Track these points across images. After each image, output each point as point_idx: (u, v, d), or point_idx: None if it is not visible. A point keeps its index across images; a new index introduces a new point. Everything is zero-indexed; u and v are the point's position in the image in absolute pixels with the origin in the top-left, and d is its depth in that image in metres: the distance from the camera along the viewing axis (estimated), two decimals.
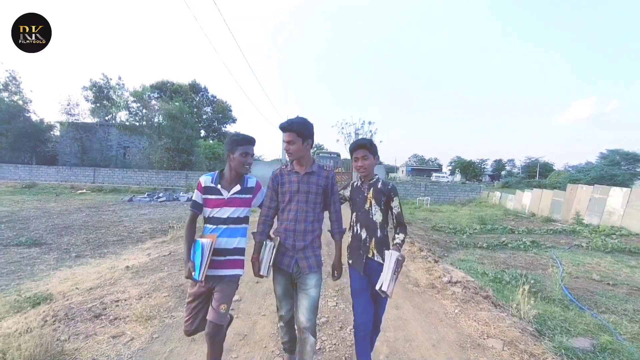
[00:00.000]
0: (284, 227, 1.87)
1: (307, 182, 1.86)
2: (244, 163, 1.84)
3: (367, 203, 1.95)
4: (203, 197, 1.84)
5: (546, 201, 13.54)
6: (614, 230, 9.51)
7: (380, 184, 1.98)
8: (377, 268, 1.86)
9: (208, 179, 1.86)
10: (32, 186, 18.18)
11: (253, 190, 1.93)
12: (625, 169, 33.30)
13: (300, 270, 1.83)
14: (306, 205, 1.85)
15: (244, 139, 1.86)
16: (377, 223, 1.93)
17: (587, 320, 3.41)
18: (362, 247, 1.94)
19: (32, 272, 4.44)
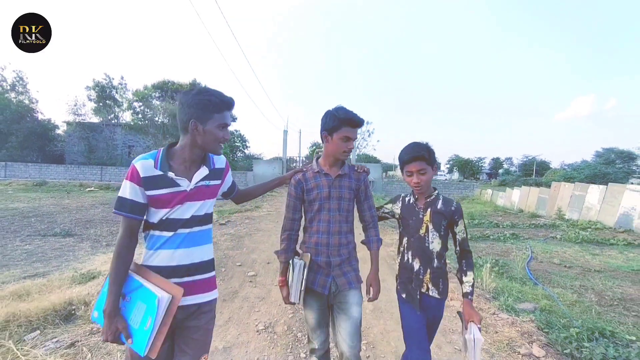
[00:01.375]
0: (314, 242, 1.56)
1: (339, 186, 1.57)
2: (221, 140, 1.22)
3: (422, 228, 1.56)
4: (148, 194, 1.15)
5: (533, 198, 14.37)
6: (590, 224, 10.32)
7: (441, 204, 1.57)
8: (433, 304, 1.56)
9: (147, 163, 1.16)
10: (43, 184, 18.91)
11: (222, 173, 1.36)
12: (621, 167, 34.09)
13: (338, 288, 1.53)
14: (339, 213, 1.56)
15: (224, 101, 1.20)
16: (434, 252, 1.55)
17: (538, 292, 4.19)
18: (414, 280, 1.56)
19: (75, 256, 5.21)
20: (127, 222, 1.15)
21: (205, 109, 1.15)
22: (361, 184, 1.63)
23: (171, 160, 1.20)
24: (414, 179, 1.54)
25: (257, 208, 11.26)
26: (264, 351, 2.44)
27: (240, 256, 5.06)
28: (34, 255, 5.07)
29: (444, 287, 1.57)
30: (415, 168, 1.53)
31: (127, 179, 1.14)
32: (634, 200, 9.36)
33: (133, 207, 1.14)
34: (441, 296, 1.55)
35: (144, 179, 1.13)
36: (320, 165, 1.61)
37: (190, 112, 1.16)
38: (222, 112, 1.19)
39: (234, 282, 3.86)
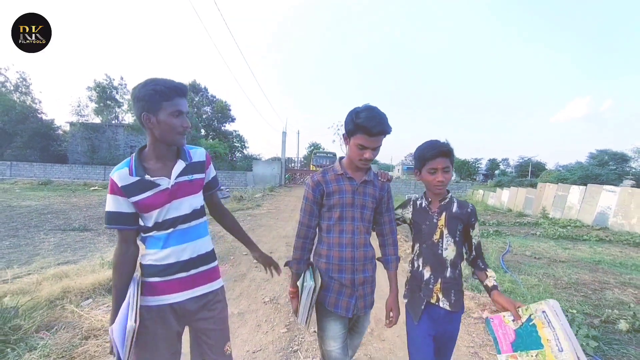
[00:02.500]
0: (337, 256, 1.39)
1: (364, 193, 1.42)
2: (179, 128, 1.15)
3: (436, 233, 1.43)
4: (133, 201, 1.14)
5: (520, 198, 15.08)
6: (570, 222, 11.01)
7: (456, 207, 1.44)
8: (442, 315, 1.40)
9: (123, 172, 1.15)
10: (48, 183, 19.43)
11: (204, 166, 1.30)
12: (614, 169, 34.79)
13: (357, 311, 1.41)
14: (362, 224, 1.42)
15: (172, 87, 1.13)
16: (448, 260, 1.41)
17: (505, 278, 4.83)
18: (423, 288, 1.43)
19: (96, 247, 5.81)
20: (120, 233, 1.17)
21: (153, 99, 1.08)
22: (385, 194, 1.47)
23: (145, 162, 1.17)
24: (438, 177, 1.37)
25: (257, 207, 11.87)
26: (270, 316, 3.07)
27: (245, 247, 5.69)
28: (61, 247, 5.67)
29: (457, 298, 1.39)
30: (441, 165, 1.37)
31: (109, 192, 1.14)
32: (609, 200, 10.05)
33: (120, 218, 1.14)
34: (453, 309, 1.38)
35: (123, 188, 1.12)
36: (344, 167, 1.42)
37: (140, 106, 1.10)
38: (171, 100, 1.11)
39: (242, 267, 4.49)
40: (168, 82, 1.13)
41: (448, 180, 1.41)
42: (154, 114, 1.11)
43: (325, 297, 1.40)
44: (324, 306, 1.41)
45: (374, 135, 1.30)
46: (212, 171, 1.37)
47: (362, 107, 1.35)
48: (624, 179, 32.55)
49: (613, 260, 6.23)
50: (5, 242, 5.70)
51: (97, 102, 26.10)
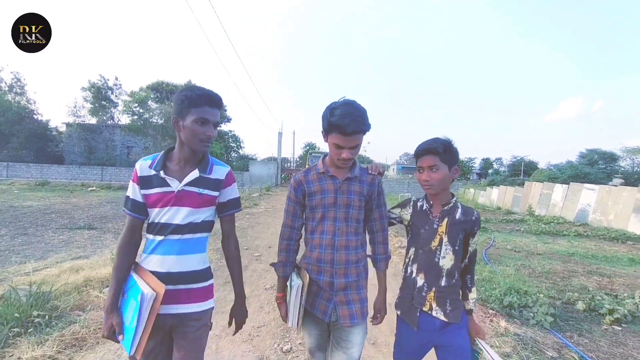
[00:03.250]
0: (315, 257, 1.33)
1: (348, 191, 1.34)
2: (201, 136, 1.16)
3: (435, 240, 1.34)
4: (142, 193, 1.18)
5: (509, 196, 15.66)
6: (554, 219, 11.57)
7: (460, 213, 1.34)
8: (438, 327, 1.33)
9: (145, 163, 1.20)
10: (45, 184, 19.54)
11: (221, 185, 1.27)
12: (603, 168, 35.63)
13: (339, 320, 1.31)
14: (346, 224, 1.33)
15: (202, 95, 1.15)
16: (444, 269, 1.32)
17: (485, 269, 5.30)
18: (415, 296, 1.36)
19: (103, 244, 6.14)
20: (129, 219, 1.20)
21: (183, 104, 1.13)
22: (374, 190, 1.36)
23: (169, 161, 1.21)
24: (424, 175, 1.31)
25: (255, 205, 12.27)
26: (271, 299, 3.48)
27: (246, 242, 6.10)
28: (71, 244, 6.00)
29: (452, 309, 1.29)
30: (427, 163, 1.30)
31: (131, 179, 1.21)
32: (589, 198, 10.62)
33: (134, 206, 1.18)
34: (450, 319, 1.28)
35: (140, 178, 1.17)
36: (326, 165, 1.35)
37: (174, 109, 1.17)
38: (200, 107, 1.13)
39: (244, 260, 4.86)
40: (200, 90, 1.16)
41: (436, 180, 1.28)
42: (182, 118, 1.15)
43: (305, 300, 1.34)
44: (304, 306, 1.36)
45: (349, 135, 1.20)
46: (232, 192, 1.30)
47: (339, 103, 1.26)
48: (613, 178, 33.51)
49: (586, 253, 6.75)
50: (18, 239, 6.02)
51: (92, 103, 26.21)
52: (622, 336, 3.07)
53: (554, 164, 51.71)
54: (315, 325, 1.37)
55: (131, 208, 1.19)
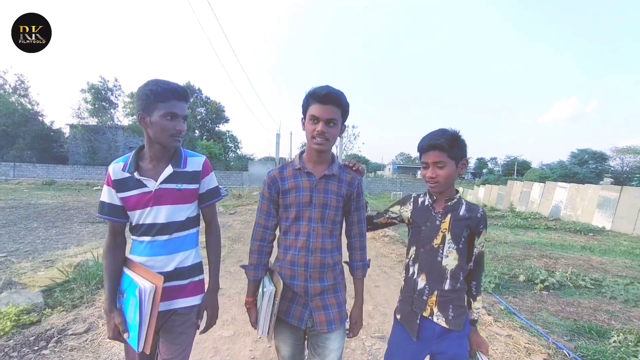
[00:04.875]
0: (289, 260, 1.24)
1: (325, 190, 1.24)
2: (171, 131, 1.13)
3: (437, 237, 1.23)
4: (119, 197, 1.14)
5: (494, 194, 16.69)
6: (531, 215, 12.58)
7: (465, 210, 1.24)
8: (438, 334, 1.22)
9: (118, 166, 1.16)
10: (52, 183, 20.28)
11: (198, 176, 1.23)
12: (594, 168, 36.72)
13: (315, 326, 1.22)
14: (322, 225, 1.23)
15: (169, 89, 1.11)
16: (448, 270, 1.22)
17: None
18: (415, 300, 1.25)
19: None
20: (110, 224, 1.17)
21: (149, 99, 1.08)
22: (353, 190, 1.28)
23: (141, 160, 1.17)
24: (429, 172, 1.22)
25: (255, 202, 13.15)
26: None
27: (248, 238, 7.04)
28: (97, 234, 6.86)
29: (455, 315, 1.21)
30: (431, 159, 1.21)
31: (105, 183, 1.16)
32: (562, 195, 11.65)
33: (111, 210, 1.15)
34: (451, 326, 1.20)
35: (115, 182, 1.13)
36: (303, 162, 1.27)
37: (138, 105, 1.11)
38: (168, 101, 1.09)
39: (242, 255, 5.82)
40: (166, 84, 1.11)
41: (443, 178, 1.19)
42: (149, 114, 1.10)
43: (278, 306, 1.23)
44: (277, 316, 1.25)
45: (325, 103, 1.16)
46: (210, 182, 1.27)
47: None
48: (604, 177, 34.61)
49: (547, 242, 7.73)
50: (51, 231, 6.87)
51: (92, 104, 26.88)
52: (545, 297, 4.03)
53: (546, 163, 53.11)
54: (291, 333, 1.26)
55: (108, 212, 1.16)
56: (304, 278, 1.21)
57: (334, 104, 1.17)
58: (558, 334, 3.01)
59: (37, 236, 6.29)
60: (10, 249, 5.27)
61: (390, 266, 4.94)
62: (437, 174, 1.19)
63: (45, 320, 2.51)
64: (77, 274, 3.36)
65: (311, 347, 1.29)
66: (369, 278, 4.29)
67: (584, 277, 4.66)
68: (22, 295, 2.72)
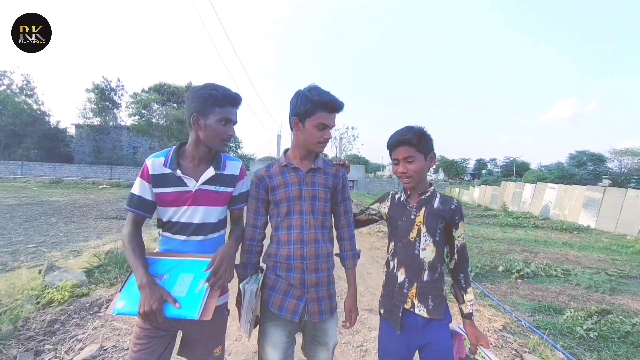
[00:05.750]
0: (285, 254, 1.25)
1: (312, 182, 1.27)
2: (224, 135, 1.16)
3: (413, 231, 1.26)
4: (155, 192, 1.15)
5: (488, 195, 17.23)
6: (523, 214, 13.10)
7: (438, 202, 1.27)
8: (421, 325, 1.24)
9: (158, 161, 1.16)
10: (59, 182, 20.81)
11: (235, 180, 1.27)
12: (592, 169, 37.06)
13: (310, 317, 1.25)
14: (313, 217, 1.26)
15: (227, 95, 1.15)
16: (425, 262, 1.24)
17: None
18: (396, 294, 1.28)
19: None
20: (132, 216, 1.16)
21: (206, 102, 1.11)
22: (339, 182, 1.33)
23: (181, 158, 1.18)
24: (400, 167, 1.25)
25: None
26: None
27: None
28: (113, 229, 7.38)
29: (435, 305, 1.23)
30: (401, 155, 1.24)
31: (139, 175, 1.15)
32: (551, 195, 12.18)
33: (139, 203, 1.15)
34: (432, 315, 1.22)
35: (153, 177, 1.13)
36: (288, 158, 1.30)
37: (193, 106, 1.13)
38: (224, 107, 1.13)
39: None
40: (225, 90, 1.14)
41: (414, 171, 1.23)
42: (204, 117, 1.12)
43: (270, 298, 1.26)
44: (267, 308, 1.26)
45: (336, 111, 1.23)
46: (243, 186, 1.30)
47: (311, 86, 1.24)
48: (602, 179, 34.98)
49: (532, 239, 8.26)
50: (71, 225, 7.40)
51: (96, 104, 27.41)
52: (519, 284, 4.55)
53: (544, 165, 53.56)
54: (281, 331, 1.25)
55: (136, 205, 1.15)
56: (300, 270, 1.24)
57: (339, 110, 1.25)
58: (521, 311, 3.54)
59: (59, 230, 6.83)
60: (38, 240, 5.80)
61: (382, 257, 5.47)
62: (407, 168, 1.24)
63: (93, 293, 3.04)
64: (110, 259, 3.89)
65: (310, 338, 1.32)
66: (362, 266, 4.81)
67: (556, 268, 5.20)
68: (70, 274, 3.25)
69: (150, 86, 34.97)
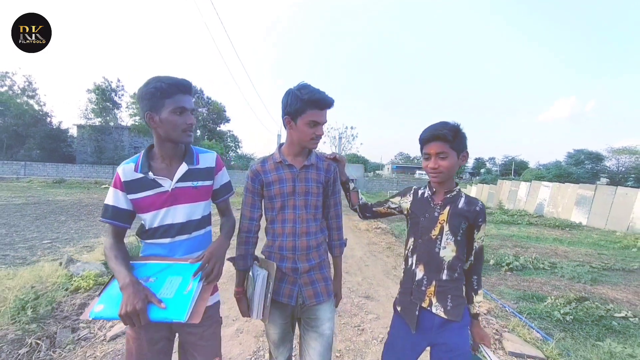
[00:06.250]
0: (277, 245, 1.32)
1: (305, 179, 1.33)
2: (183, 126, 1.11)
3: (435, 228, 1.25)
4: (131, 199, 1.11)
5: (485, 193, 17.53)
6: (518, 212, 13.40)
7: (464, 202, 1.25)
8: (437, 325, 1.24)
9: (128, 167, 1.13)
10: (62, 182, 21.05)
11: (212, 172, 1.24)
12: (590, 168, 37.39)
13: (305, 301, 1.31)
14: (306, 211, 1.32)
15: (174, 84, 1.09)
16: (445, 261, 1.23)
17: None
18: (414, 291, 1.27)
19: None
20: (111, 228, 1.12)
21: (154, 97, 1.06)
22: (330, 176, 1.38)
23: (152, 160, 1.15)
24: (431, 163, 1.23)
25: None
26: None
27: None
28: None
29: (454, 306, 1.22)
30: (434, 150, 1.21)
31: (111, 186, 1.12)
32: (545, 193, 12.49)
33: (115, 214, 1.10)
34: (450, 317, 1.20)
35: (125, 183, 1.10)
36: (283, 155, 1.34)
37: (144, 105, 1.08)
38: (173, 96, 1.07)
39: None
40: (169, 79, 1.08)
41: (445, 168, 1.20)
42: (157, 113, 1.07)
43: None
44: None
45: (326, 108, 1.26)
46: (223, 177, 1.28)
47: (300, 85, 1.27)
48: (600, 177, 35.21)
49: (524, 235, 8.56)
50: (80, 223, 7.69)
51: (97, 105, 27.62)
52: (508, 277, 4.85)
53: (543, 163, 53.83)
54: (280, 313, 1.34)
55: (112, 216, 1.11)
56: (292, 260, 1.30)
57: (329, 107, 1.28)
58: (507, 299, 3.84)
59: (70, 227, 7.11)
60: (51, 237, 6.08)
61: (379, 251, 5.77)
62: (439, 164, 1.21)
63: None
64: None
65: (304, 323, 1.36)
66: (360, 260, 5.11)
67: (544, 261, 5.50)
68: (91, 265, 3.54)
69: None
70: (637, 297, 4.14)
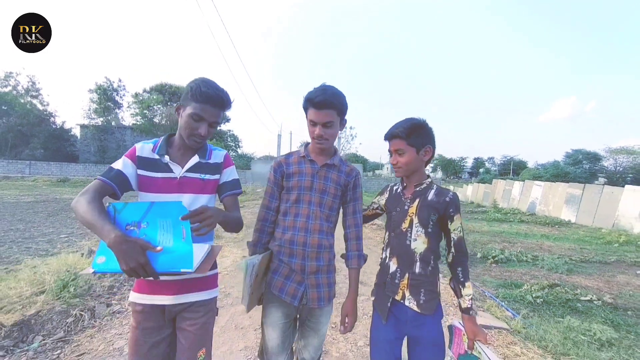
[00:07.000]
0: (288, 239, 1.30)
1: (325, 177, 1.33)
2: (192, 131, 1.14)
3: (405, 221, 1.27)
4: (140, 174, 1.14)
5: (480, 192, 17.96)
6: (511, 210, 13.80)
7: (433, 194, 1.27)
8: (411, 318, 1.25)
9: (147, 146, 1.18)
10: (66, 180, 21.39)
11: (220, 168, 1.27)
12: (587, 168, 37.50)
13: (308, 302, 1.29)
14: (320, 210, 1.31)
15: (207, 93, 1.12)
16: (416, 253, 1.25)
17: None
18: (388, 283, 1.30)
19: None
20: (99, 185, 1.06)
21: (188, 94, 1.13)
22: (350, 180, 1.37)
23: (170, 147, 1.20)
24: (392, 159, 1.30)
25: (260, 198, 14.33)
26: None
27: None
28: None
29: (427, 299, 1.23)
30: (393, 147, 1.29)
31: (124, 155, 1.15)
32: (537, 192, 12.90)
33: (116, 177, 1.09)
34: (422, 310, 1.22)
35: (140, 158, 1.13)
36: (307, 151, 1.37)
37: (182, 95, 1.17)
38: (201, 103, 1.11)
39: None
40: (209, 88, 1.12)
41: (404, 164, 1.26)
42: (184, 108, 1.14)
43: (272, 280, 1.30)
44: (269, 290, 1.31)
45: (320, 108, 1.22)
46: (230, 174, 1.29)
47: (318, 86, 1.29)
48: (598, 177, 35.55)
49: (514, 232, 8.97)
50: None
51: (99, 104, 27.99)
52: (492, 268, 5.25)
53: (541, 163, 54.23)
54: (282, 312, 1.30)
55: (111, 177, 1.08)
56: (302, 257, 1.28)
57: (329, 107, 1.23)
58: (489, 287, 4.24)
59: None
60: (67, 232, 6.47)
61: (374, 245, 6.17)
62: (397, 160, 1.28)
63: None
64: None
65: (303, 322, 1.36)
66: None
67: (527, 255, 5.90)
68: None
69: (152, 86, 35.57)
70: (607, 285, 4.55)
